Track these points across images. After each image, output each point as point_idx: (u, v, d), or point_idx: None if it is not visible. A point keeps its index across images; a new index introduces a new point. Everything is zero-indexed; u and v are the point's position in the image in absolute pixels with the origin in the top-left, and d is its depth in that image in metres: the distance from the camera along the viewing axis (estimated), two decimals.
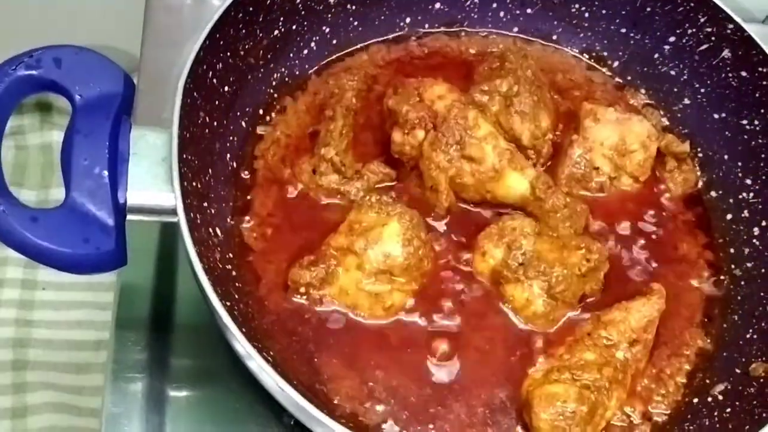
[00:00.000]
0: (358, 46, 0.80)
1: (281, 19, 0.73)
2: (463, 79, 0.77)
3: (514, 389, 0.64)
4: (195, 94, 0.63)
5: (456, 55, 0.81)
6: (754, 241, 0.72)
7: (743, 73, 0.73)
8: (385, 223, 0.65)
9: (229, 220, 0.68)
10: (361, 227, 0.65)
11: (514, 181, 0.69)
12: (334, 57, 0.78)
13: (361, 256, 0.64)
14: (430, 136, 0.69)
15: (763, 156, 0.73)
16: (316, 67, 0.77)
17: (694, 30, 0.75)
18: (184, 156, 0.60)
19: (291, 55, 0.76)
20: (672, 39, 0.77)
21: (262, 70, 0.73)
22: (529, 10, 0.81)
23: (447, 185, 0.69)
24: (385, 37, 0.80)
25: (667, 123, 0.79)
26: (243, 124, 0.72)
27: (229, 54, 0.68)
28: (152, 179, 0.59)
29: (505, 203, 0.70)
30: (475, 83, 0.74)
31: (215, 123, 0.67)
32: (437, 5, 0.81)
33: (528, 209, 0.70)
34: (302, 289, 0.65)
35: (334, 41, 0.78)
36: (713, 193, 0.76)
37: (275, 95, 0.75)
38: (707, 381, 0.67)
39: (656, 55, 0.79)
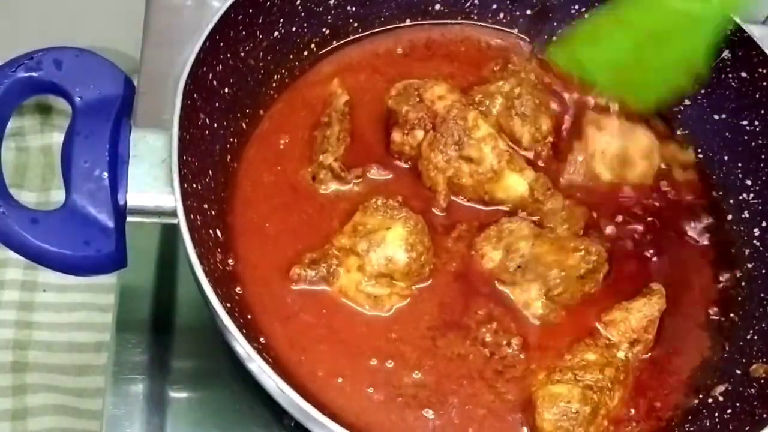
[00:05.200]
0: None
1: (281, 20, 0.73)
2: (462, 79, 0.77)
3: (519, 390, 0.64)
4: (195, 95, 0.63)
5: (456, 56, 0.81)
6: (755, 242, 0.72)
7: (743, 74, 0.73)
8: (390, 227, 0.65)
9: (229, 221, 0.68)
10: (365, 229, 0.65)
11: (513, 183, 0.69)
12: (334, 58, 0.78)
13: (363, 258, 0.64)
14: (429, 137, 0.69)
15: (763, 157, 0.73)
16: (316, 69, 0.77)
17: None
18: (185, 158, 0.60)
19: (291, 56, 0.76)
20: None
21: (262, 71, 0.73)
22: (528, 11, 0.81)
23: (445, 186, 0.69)
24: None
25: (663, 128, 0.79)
26: (243, 125, 0.72)
27: (229, 55, 0.68)
28: (152, 181, 0.59)
29: (504, 204, 0.70)
30: (478, 84, 0.74)
31: (215, 125, 0.67)
32: (437, 6, 0.81)
33: (527, 211, 0.70)
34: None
35: (334, 42, 0.78)
36: (713, 194, 0.76)
37: (275, 97, 0.75)
38: (708, 382, 0.67)
39: None
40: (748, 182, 0.74)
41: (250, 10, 0.69)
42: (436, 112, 0.70)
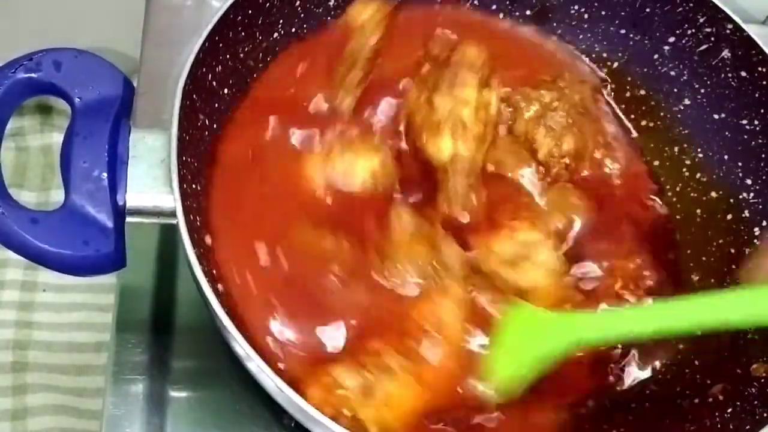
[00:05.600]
0: None
1: (280, 21, 0.73)
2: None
3: None
4: (194, 96, 0.63)
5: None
6: (755, 241, 0.72)
7: (743, 74, 0.73)
8: (368, 155, 0.67)
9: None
10: (350, 147, 0.67)
11: (444, 145, 0.69)
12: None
13: (328, 160, 0.67)
14: (425, 73, 0.71)
15: (763, 156, 0.73)
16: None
17: (693, 30, 0.75)
18: (184, 158, 0.60)
19: None
20: (671, 39, 0.77)
21: (262, 72, 0.73)
22: (528, 12, 0.81)
23: (404, 117, 0.71)
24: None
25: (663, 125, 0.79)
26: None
27: (228, 56, 0.68)
28: (151, 181, 0.59)
29: (430, 160, 0.70)
30: (522, 87, 0.74)
31: (215, 125, 0.67)
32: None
33: (437, 175, 0.69)
34: None
35: None
36: (713, 194, 0.76)
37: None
38: (707, 381, 0.67)
39: (656, 56, 0.79)
40: (748, 182, 0.74)
41: (250, 11, 0.69)
42: (450, 61, 0.71)
